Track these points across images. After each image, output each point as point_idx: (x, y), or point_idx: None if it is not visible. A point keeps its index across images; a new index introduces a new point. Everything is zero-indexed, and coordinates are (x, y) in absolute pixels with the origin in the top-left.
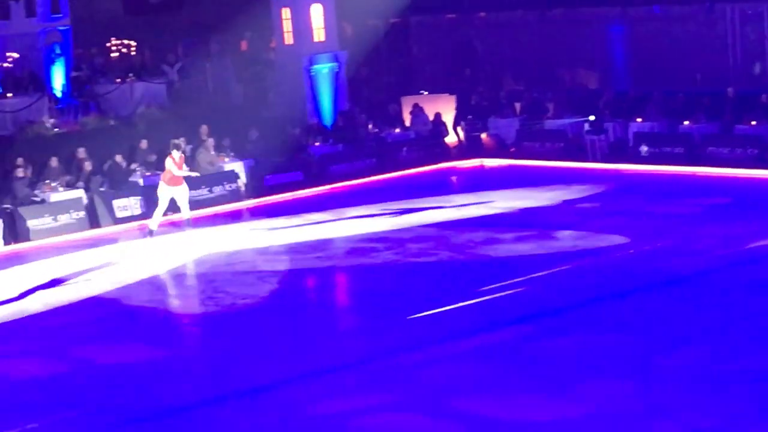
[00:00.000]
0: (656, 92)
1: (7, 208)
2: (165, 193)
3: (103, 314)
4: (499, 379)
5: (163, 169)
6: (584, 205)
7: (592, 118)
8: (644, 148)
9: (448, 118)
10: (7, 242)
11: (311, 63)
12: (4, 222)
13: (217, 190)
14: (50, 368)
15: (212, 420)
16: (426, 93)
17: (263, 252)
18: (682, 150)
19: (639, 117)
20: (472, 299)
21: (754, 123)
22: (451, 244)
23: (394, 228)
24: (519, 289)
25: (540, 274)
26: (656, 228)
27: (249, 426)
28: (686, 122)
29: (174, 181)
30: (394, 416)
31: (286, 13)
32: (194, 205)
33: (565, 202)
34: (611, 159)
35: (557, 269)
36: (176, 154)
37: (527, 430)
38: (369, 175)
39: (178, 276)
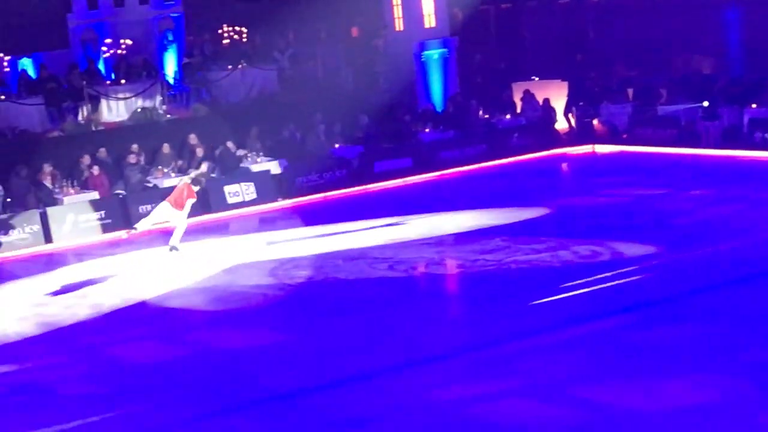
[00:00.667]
0: None
1: (120, 194)
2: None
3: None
4: (615, 366)
5: (276, 154)
6: (697, 192)
7: (706, 104)
8: (759, 135)
9: (559, 104)
10: (117, 229)
11: (422, 49)
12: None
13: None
14: (168, 352)
15: (331, 403)
16: (537, 79)
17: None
18: None
19: (754, 103)
20: (589, 287)
21: None
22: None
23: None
24: (635, 277)
25: (657, 263)
26: None
27: (368, 410)
28: None
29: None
30: (513, 402)
31: None
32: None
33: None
34: (725, 145)
35: (671, 258)
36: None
37: (643, 418)
38: (479, 162)
39: (289, 263)
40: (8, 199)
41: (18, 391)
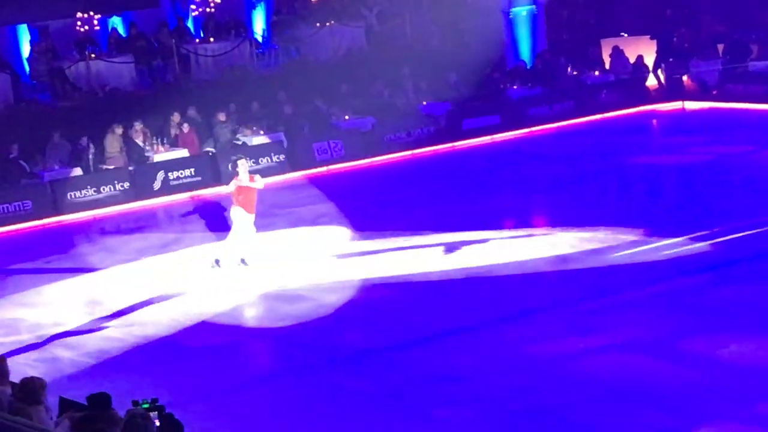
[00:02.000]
0: None
1: (210, 152)
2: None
3: None
4: (717, 321)
5: (364, 112)
6: None
7: None
8: None
9: (649, 60)
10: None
11: (510, 5)
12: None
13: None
14: None
15: (434, 354)
16: (626, 35)
17: None
18: None
19: None
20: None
21: None
22: None
23: None
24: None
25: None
26: None
27: (469, 361)
28: None
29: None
30: (616, 357)
31: None
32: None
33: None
34: None
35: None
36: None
37: (745, 373)
38: (568, 118)
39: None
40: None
41: None
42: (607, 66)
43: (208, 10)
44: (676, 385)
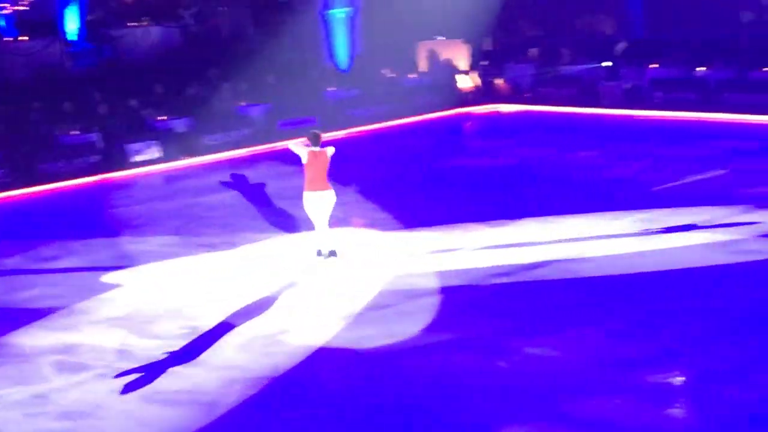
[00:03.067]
0: (672, 38)
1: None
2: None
3: None
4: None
5: (181, 113)
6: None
7: (607, 64)
8: (659, 94)
9: (464, 63)
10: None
11: (327, 7)
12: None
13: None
14: None
15: None
16: (442, 38)
17: None
18: (697, 96)
19: (655, 63)
20: None
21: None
22: None
23: None
24: None
25: None
26: None
27: None
28: (701, 68)
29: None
30: None
31: None
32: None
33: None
34: (626, 105)
35: None
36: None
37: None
38: (385, 120)
39: None
40: None
41: None
42: (424, 68)
43: (19, 8)
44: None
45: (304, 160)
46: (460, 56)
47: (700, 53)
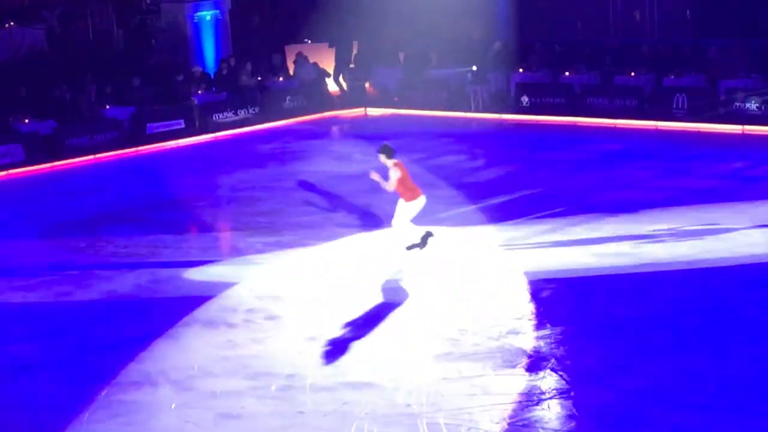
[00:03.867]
0: (538, 43)
1: None
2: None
3: None
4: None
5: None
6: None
7: (474, 68)
8: (525, 99)
9: (331, 67)
10: None
11: (195, 10)
12: None
13: None
14: None
15: None
16: (310, 42)
17: None
18: (563, 100)
19: (521, 67)
20: None
21: (633, 74)
22: None
23: None
24: None
25: None
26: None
27: None
28: (567, 73)
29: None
30: None
31: None
32: None
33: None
34: (494, 109)
35: None
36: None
37: None
38: (252, 124)
39: None
40: None
41: None
42: (291, 72)
43: None
44: None
45: (395, 178)
46: (327, 60)
47: (566, 58)
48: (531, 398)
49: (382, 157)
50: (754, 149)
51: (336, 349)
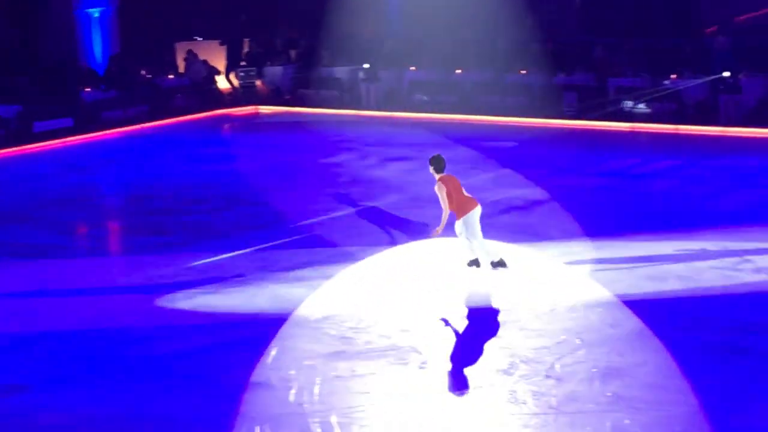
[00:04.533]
0: (430, 41)
1: None
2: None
3: None
4: None
5: None
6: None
7: (367, 66)
8: (421, 97)
9: (222, 64)
10: None
11: (83, 6)
12: None
13: None
14: None
15: None
16: (200, 39)
17: None
18: (455, 98)
19: (413, 65)
20: None
21: (524, 72)
22: None
23: None
24: None
25: None
26: None
27: None
28: (458, 70)
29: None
30: None
31: None
32: None
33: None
34: (386, 107)
35: None
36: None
37: None
38: (142, 122)
39: None
40: None
41: None
42: (182, 70)
43: None
44: None
45: (444, 201)
46: (218, 57)
47: (458, 56)
48: (425, 395)
49: (431, 170)
50: (644, 147)
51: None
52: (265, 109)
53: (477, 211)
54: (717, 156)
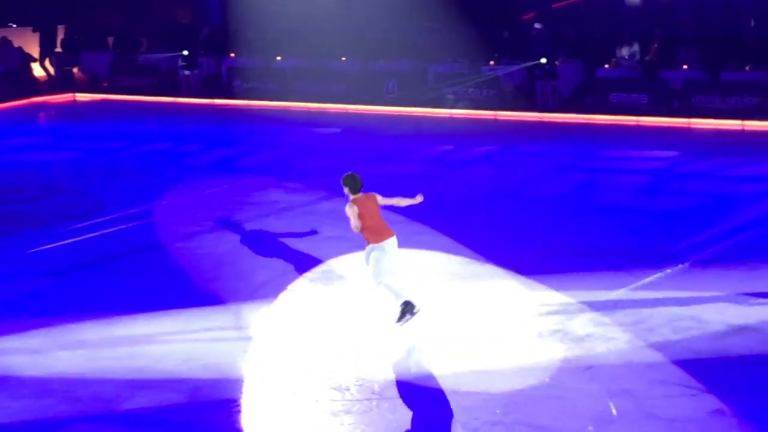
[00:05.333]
0: (249, 29)
1: None
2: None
3: None
4: None
5: None
6: None
7: (185, 52)
8: (238, 84)
9: (36, 51)
10: None
11: None
12: None
13: None
14: None
15: None
16: (14, 26)
17: None
18: (275, 85)
19: (232, 52)
20: None
21: (344, 59)
22: None
23: None
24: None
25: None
26: None
27: None
28: (278, 58)
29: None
30: None
31: None
32: None
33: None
34: (205, 94)
35: None
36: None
37: None
38: None
39: None
40: None
41: None
42: None
43: None
44: None
45: (354, 219)
46: (32, 44)
47: (278, 44)
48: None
49: (345, 191)
50: (462, 134)
51: None
52: (83, 97)
53: (392, 241)
54: (533, 142)
